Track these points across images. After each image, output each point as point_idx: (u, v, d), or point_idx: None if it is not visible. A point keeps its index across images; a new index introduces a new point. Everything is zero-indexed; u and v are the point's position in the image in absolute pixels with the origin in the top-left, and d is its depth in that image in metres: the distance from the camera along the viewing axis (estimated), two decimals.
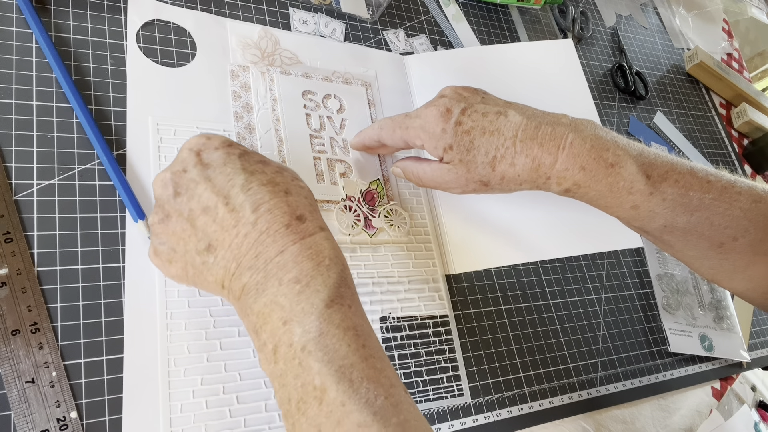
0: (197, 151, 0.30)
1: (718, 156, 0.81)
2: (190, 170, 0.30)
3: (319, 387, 0.25)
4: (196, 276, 0.30)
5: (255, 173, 0.29)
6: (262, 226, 0.28)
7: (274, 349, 0.27)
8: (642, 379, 0.55)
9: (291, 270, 0.27)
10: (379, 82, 0.53)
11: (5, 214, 0.35)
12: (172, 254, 0.31)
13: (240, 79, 0.46)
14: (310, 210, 0.30)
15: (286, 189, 0.30)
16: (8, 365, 0.32)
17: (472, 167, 0.39)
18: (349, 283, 0.29)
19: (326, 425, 0.25)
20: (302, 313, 0.27)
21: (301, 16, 0.52)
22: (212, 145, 0.31)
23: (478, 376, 0.46)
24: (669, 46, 0.86)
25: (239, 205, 0.28)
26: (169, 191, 0.30)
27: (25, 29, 0.40)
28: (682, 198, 0.37)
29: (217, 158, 0.30)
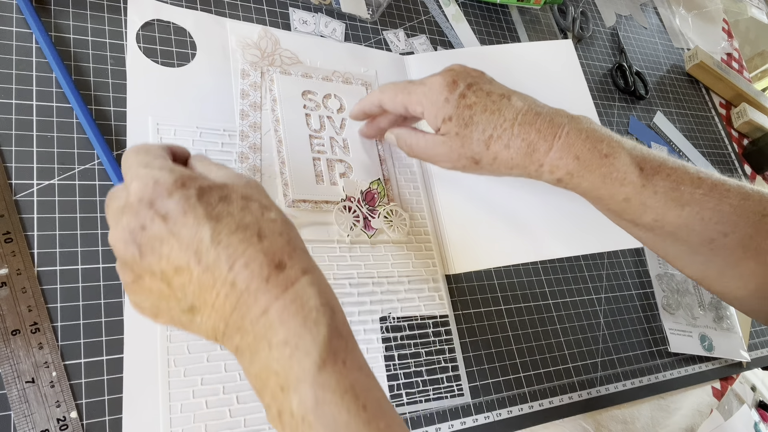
0: (149, 201, 0.26)
1: (718, 156, 0.81)
2: (148, 226, 0.26)
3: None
4: (188, 329, 0.29)
5: (221, 218, 0.26)
6: (241, 285, 0.25)
7: (278, 414, 0.26)
8: (642, 379, 0.55)
9: (278, 331, 0.25)
10: (379, 82, 0.53)
11: (5, 214, 0.35)
12: (157, 310, 0.28)
13: (251, 78, 0.46)
14: (289, 250, 0.27)
15: (258, 231, 0.27)
16: (8, 365, 0.32)
17: (466, 142, 0.39)
18: (341, 331, 0.27)
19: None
20: (296, 381, 0.25)
21: (301, 16, 0.52)
22: (164, 192, 0.26)
23: (478, 376, 0.46)
24: (669, 46, 0.86)
25: (213, 263, 0.26)
26: (133, 252, 0.27)
27: (25, 29, 0.40)
28: (674, 192, 0.37)
29: (175, 207, 0.26)
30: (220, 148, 0.43)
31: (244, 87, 0.46)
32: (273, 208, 0.28)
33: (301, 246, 0.28)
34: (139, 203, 0.26)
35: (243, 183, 0.29)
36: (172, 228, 0.26)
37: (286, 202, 0.43)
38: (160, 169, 0.27)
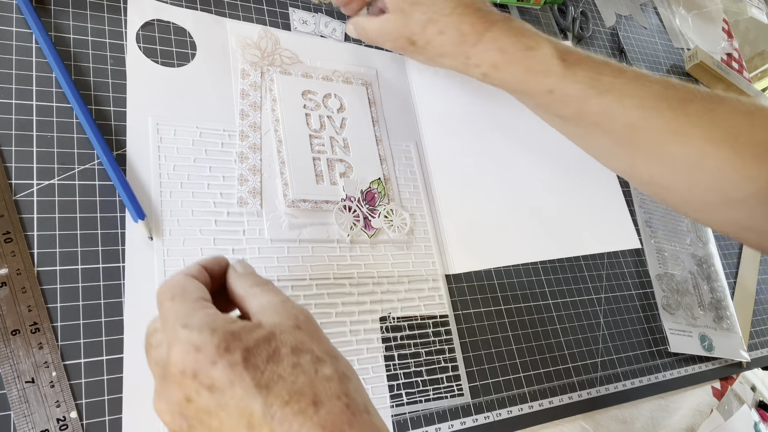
0: (193, 372, 0.24)
1: None
2: (194, 399, 0.24)
3: None
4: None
5: (271, 386, 0.24)
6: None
7: None
8: (642, 379, 0.55)
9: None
10: (379, 81, 0.53)
11: (5, 214, 0.35)
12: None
13: (250, 78, 0.46)
14: (348, 417, 0.24)
15: (314, 398, 0.24)
16: (8, 365, 0.32)
17: (408, 21, 0.42)
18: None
19: None
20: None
21: (301, 16, 0.52)
22: (207, 361, 0.24)
23: (478, 376, 0.46)
24: (669, 46, 0.86)
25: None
26: (181, 423, 0.25)
27: (25, 29, 0.40)
28: (594, 80, 0.38)
29: (220, 377, 0.24)
30: (220, 148, 0.43)
31: (244, 87, 0.46)
32: (327, 360, 0.26)
33: (362, 404, 0.25)
34: (182, 375, 0.24)
35: (291, 324, 0.26)
36: (219, 400, 0.24)
37: (286, 202, 0.43)
38: (200, 331, 0.24)
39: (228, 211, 0.41)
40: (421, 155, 0.52)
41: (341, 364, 0.26)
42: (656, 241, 0.64)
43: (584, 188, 0.57)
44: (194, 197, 0.40)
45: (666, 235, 0.65)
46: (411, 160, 0.51)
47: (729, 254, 0.72)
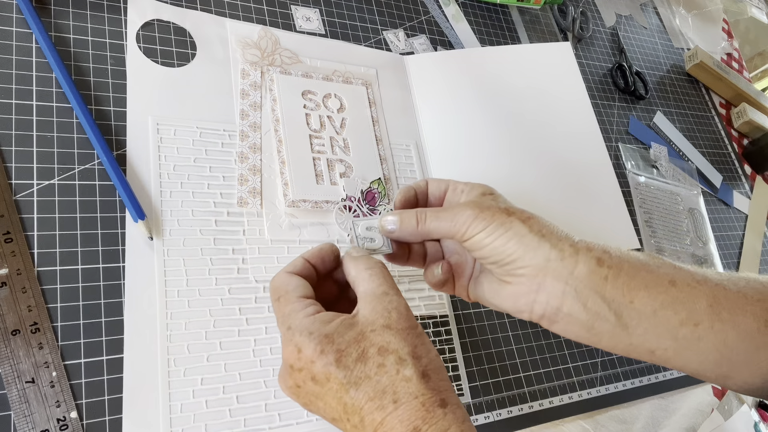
0: (298, 368, 0.30)
1: (718, 156, 0.81)
2: (302, 386, 0.30)
3: None
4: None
5: (359, 384, 0.29)
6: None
7: None
8: (642, 379, 0.55)
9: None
10: (379, 81, 0.53)
11: (5, 214, 0.35)
12: (332, 423, 0.32)
13: (250, 78, 0.46)
14: (423, 414, 0.28)
15: (394, 396, 0.28)
16: (8, 365, 0.32)
17: (502, 205, 0.35)
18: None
19: None
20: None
21: (304, 13, 0.52)
22: (307, 361, 0.29)
23: (478, 376, 0.46)
24: (669, 46, 0.86)
25: (359, 423, 0.29)
26: (297, 401, 0.32)
27: (25, 29, 0.40)
28: (715, 274, 0.34)
29: (319, 373, 0.29)
30: (220, 148, 0.43)
31: (244, 87, 0.46)
32: (409, 360, 0.29)
33: (438, 400, 0.29)
34: (291, 368, 0.30)
35: (382, 323, 0.30)
36: (321, 390, 0.30)
37: (286, 202, 0.43)
38: (300, 334, 0.30)
39: (228, 211, 0.41)
40: (421, 155, 0.52)
41: (422, 362, 0.30)
42: (656, 241, 0.64)
43: (584, 188, 0.57)
44: (194, 197, 0.40)
45: (666, 235, 0.65)
46: (411, 160, 0.51)
47: (729, 254, 0.72)
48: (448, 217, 0.34)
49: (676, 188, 0.71)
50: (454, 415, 0.29)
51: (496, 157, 0.54)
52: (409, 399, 0.28)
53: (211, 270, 0.39)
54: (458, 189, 0.38)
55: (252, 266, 0.40)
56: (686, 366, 0.34)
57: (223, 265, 0.40)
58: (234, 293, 0.39)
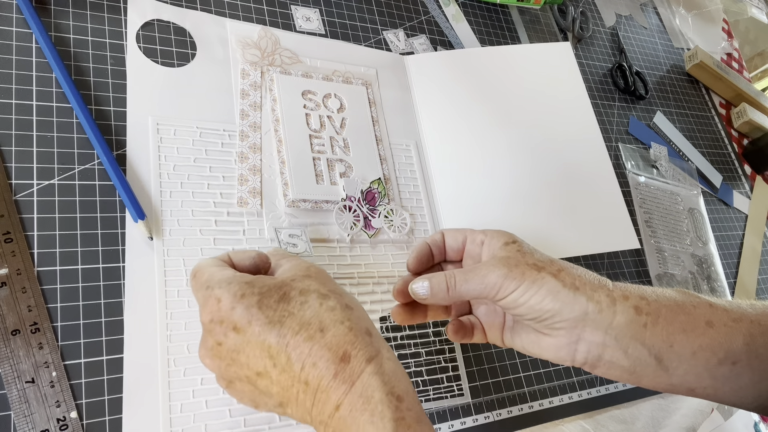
0: (219, 319, 0.29)
1: (718, 156, 0.81)
2: (223, 341, 0.29)
3: None
4: (288, 416, 0.31)
5: (283, 320, 0.28)
6: (313, 383, 0.28)
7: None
8: None
9: (350, 426, 0.27)
10: (379, 81, 0.53)
11: (5, 214, 0.35)
12: (255, 404, 0.31)
13: (250, 78, 0.46)
14: (352, 338, 0.28)
15: (320, 325, 0.28)
16: (8, 365, 0.32)
17: (528, 257, 0.34)
18: (408, 419, 0.27)
19: None
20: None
21: (304, 13, 0.52)
22: (227, 307, 0.29)
23: (478, 376, 0.46)
24: (669, 46, 0.86)
25: (286, 364, 0.28)
26: (218, 364, 0.30)
27: (25, 29, 0.40)
28: (750, 306, 0.34)
29: (240, 319, 0.29)
30: (220, 148, 0.43)
31: (244, 87, 0.46)
32: (331, 296, 0.30)
33: (364, 327, 0.29)
34: (211, 323, 0.29)
35: (302, 274, 0.31)
36: (242, 338, 0.29)
37: (286, 202, 0.43)
38: (219, 286, 0.29)
39: (228, 211, 0.41)
40: (421, 155, 0.52)
41: (344, 298, 0.30)
42: (656, 241, 0.64)
43: (584, 188, 0.57)
44: (194, 197, 0.40)
45: (666, 235, 0.65)
46: (411, 160, 0.51)
47: (729, 254, 0.72)
48: (478, 280, 0.33)
49: (676, 188, 0.71)
50: (379, 343, 0.29)
51: (496, 157, 0.54)
52: (336, 325, 0.28)
53: None
54: (477, 240, 0.37)
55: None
56: (726, 399, 0.34)
57: None
58: None
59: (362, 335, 0.29)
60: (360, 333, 0.29)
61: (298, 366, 0.28)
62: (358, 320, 0.29)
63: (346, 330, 0.29)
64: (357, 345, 0.28)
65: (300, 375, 0.28)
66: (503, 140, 0.55)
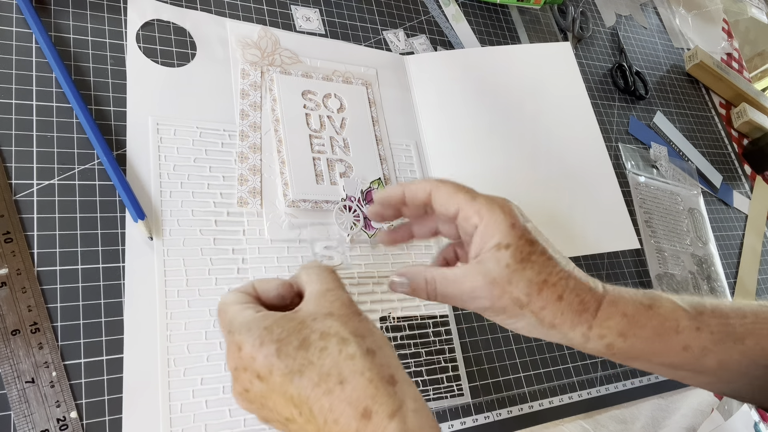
0: (242, 367, 0.29)
1: (718, 156, 0.81)
2: (250, 388, 0.29)
3: None
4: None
5: (303, 371, 0.27)
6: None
7: None
8: (642, 379, 0.55)
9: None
10: (379, 81, 0.53)
11: (5, 214, 0.35)
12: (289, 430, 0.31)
13: (250, 78, 0.46)
14: (372, 392, 0.27)
15: (339, 377, 0.27)
16: (8, 365, 0.32)
17: (515, 279, 0.32)
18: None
19: None
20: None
21: (304, 13, 0.52)
22: (248, 357, 0.28)
23: (478, 376, 0.46)
24: (669, 46, 0.86)
25: (310, 415, 0.27)
26: (250, 408, 0.30)
27: (25, 29, 0.40)
28: (727, 327, 0.35)
29: (261, 368, 0.28)
30: (220, 148, 0.43)
31: (244, 87, 0.46)
32: (352, 340, 0.28)
33: (387, 375, 0.28)
34: (236, 371, 0.29)
35: (324, 312, 0.29)
36: (267, 386, 0.28)
37: (286, 202, 0.43)
38: (239, 333, 0.29)
39: (228, 211, 0.41)
40: (421, 155, 0.52)
41: (366, 341, 0.29)
42: (656, 241, 0.64)
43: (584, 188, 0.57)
44: (194, 197, 0.40)
45: (666, 235, 0.65)
46: (411, 160, 0.51)
47: (729, 254, 0.72)
48: (458, 292, 0.33)
49: (676, 188, 0.71)
50: (404, 392, 0.28)
51: (496, 157, 0.54)
52: (355, 377, 0.27)
53: (211, 270, 0.39)
54: (471, 221, 0.34)
55: (252, 266, 0.40)
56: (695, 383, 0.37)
57: (223, 265, 0.40)
58: None
59: (383, 386, 0.27)
60: (381, 383, 0.27)
61: (321, 419, 0.27)
62: (380, 368, 0.28)
63: (366, 382, 0.27)
64: (378, 399, 0.27)
65: (323, 428, 0.27)
66: (503, 140, 0.55)
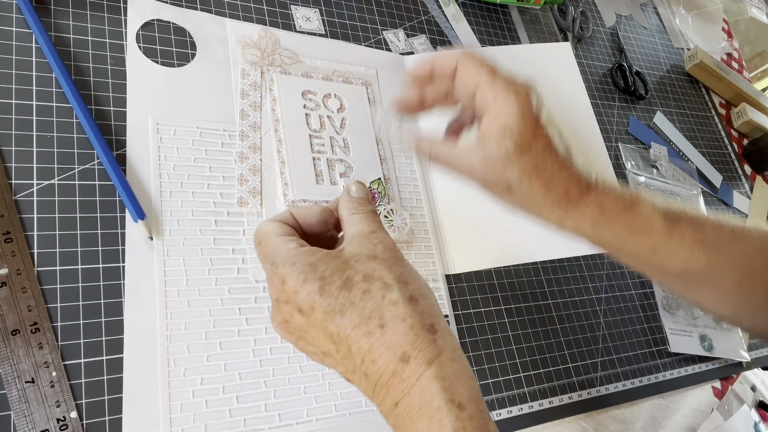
0: (284, 300, 0.29)
1: (718, 156, 0.81)
2: (290, 320, 0.29)
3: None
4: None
5: (344, 311, 0.28)
6: (373, 378, 0.28)
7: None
8: (642, 379, 0.55)
9: (408, 427, 0.27)
10: (379, 81, 0.53)
11: (5, 214, 0.35)
12: (324, 361, 0.31)
13: (250, 78, 0.46)
14: (412, 338, 0.27)
15: (380, 321, 0.27)
16: (8, 365, 0.32)
17: (510, 165, 0.35)
18: (471, 413, 0.27)
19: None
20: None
21: (303, 13, 0.52)
22: (291, 291, 0.29)
23: (478, 376, 0.46)
24: (669, 46, 0.86)
25: (347, 353, 0.28)
26: (289, 337, 0.30)
27: (25, 29, 0.40)
28: (699, 235, 0.37)
29: (304, 303, 0.28)
30: (220, 148, 0.43)
31: (244, 87, 0.46)
32: (395, 286, 0.28)
33: (428, 324, 0.28)
34: (277, 302, 0.29)
35: (367, 254, 0.29)
36: (307, 321, 0.28)
37: (286, 202, 0.43)
38: (282, 265, 0.29)
39: (228, 211, 0.41)
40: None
41: (409, 288, 0.29)
42: None
43: None
44: (194, 197, 0.40)
45: None
46: (411, 159, 0.51)
47: None
48: (455, 159, 0.37)
49: (676, 188, 0.71)
50: (444, 341, 0.28)
51: None
52: (396, 322, 0.27)
53: (211, 270, 0.39)
54: (487, 97, 0.35)
55: (252, 266, 0.40)
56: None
57: (223, 265, 0.40)
58: (234, 293, 0.39)
59: (424, 333, 0.28)
60: (422, 331, 0.28)
61: (359, 359, 0.27)
62: (421, 315, 0.28)
63: (407, 328, 0.27)
64: (417, 345, 0.27)
65: (360, 367, 0.28)
66: None
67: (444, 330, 0.29)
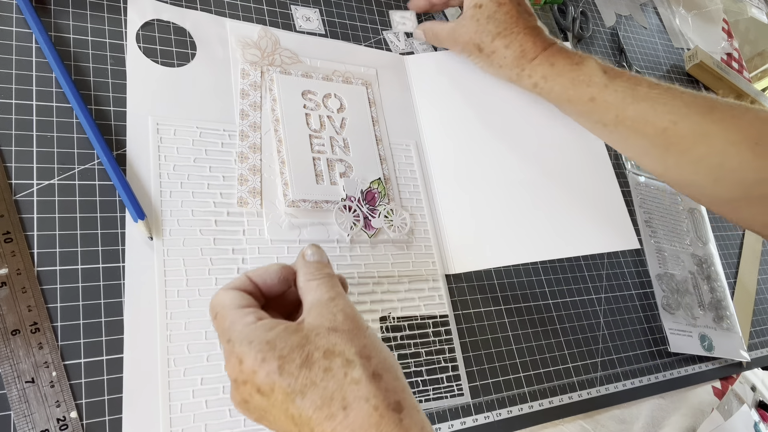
0: (242, 381, 0.28)
1: None
2: (249, 400, 0.28)
3: None
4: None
5: (305, 392, 0.27)
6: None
7: None
8: (642, 379, 0.55)
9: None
10: (379, 81, 0.53)
11: (5, 214, 0.35)
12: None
13: (250, 78, 0.46)
14: (377, 419, 0.26)
15: (342, 402, 0.26)
16: (8, 365, 0.32)
17: (480, 29, 0.49)
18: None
19: None
20: None
21: (303, 13, 0.52)
22: (249, 372, 0.27)
23: (478, 376, 0.46)
24: (669, 46, 0.86)
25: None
26: (250, 416, 0.30)
27: (25, 29, 0.40)
28: (631, 90, 0.44)
29: (263, 384, 0.27)
30: (220, 148, 0.43)
31: (244, 87, 0.46)
32: (358, 362, 0.27)
33: (393, 402, 0.27)
34: (235, 382, 0.28)
35: (327, 326, 0.28)
36: (267, 402, 0.28)
37: (286, 202, 0.43)
38: (239, 344, 0.28)
39: (228, 211, 0.41)
40: (421, 155, 0.52)
41: (372, 363, 0.28)
42: (656, 241, 0.64)
43: (584, 188, 0.57)
44: (194, 197, 0.40)
45: (666, 235, 0.65)
46: (411, 160, 0.51)
47: (729, 254, 0.72)
48: (443, 32, 0.54)
49: None
50: (411, 419, 0.27)
51: (496, 157, 0.54)
52: (359, 403, 0.26)
53: (211, 270, 0.39)
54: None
55: (252, 266, 0.40)
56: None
57: (223, 265, 0.40)
58: None
59: (389, 414, 0.26)
60: (387, 411, 0.26)
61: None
62: (386, 393, 0.27)
63: (371, 409, 0.26)
64: (382, 427, 0.26)
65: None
66: (503, 140, 0.55)
67: (411, 406, 0.28)
